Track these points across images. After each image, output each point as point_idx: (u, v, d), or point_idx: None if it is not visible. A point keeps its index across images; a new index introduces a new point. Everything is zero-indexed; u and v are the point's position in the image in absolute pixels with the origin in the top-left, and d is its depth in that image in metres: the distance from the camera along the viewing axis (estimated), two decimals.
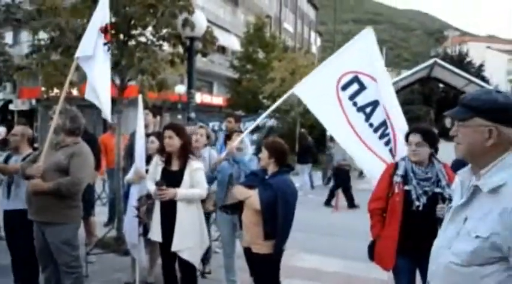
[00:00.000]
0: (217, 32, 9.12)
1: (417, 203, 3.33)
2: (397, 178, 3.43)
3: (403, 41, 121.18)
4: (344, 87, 4.11)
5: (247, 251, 3.81)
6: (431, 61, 22.28)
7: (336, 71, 4.17)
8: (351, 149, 4.14)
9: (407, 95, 49.29)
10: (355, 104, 4.10)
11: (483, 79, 35.25)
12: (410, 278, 3.48)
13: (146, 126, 5.29)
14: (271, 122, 13.40)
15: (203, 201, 4.19)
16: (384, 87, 4.07)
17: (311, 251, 6.65)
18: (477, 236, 1.65)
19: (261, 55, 25.10)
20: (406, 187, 3.38)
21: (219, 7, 30.07)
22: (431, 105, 43.28)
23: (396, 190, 3.42)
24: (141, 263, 4.79)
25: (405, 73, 25.95)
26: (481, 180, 1.72)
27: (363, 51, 4.18)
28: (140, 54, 6.25)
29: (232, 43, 29.59)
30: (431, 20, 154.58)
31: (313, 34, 55.38)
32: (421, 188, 3.35)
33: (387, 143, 4.05)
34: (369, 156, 4.07)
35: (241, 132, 4.91)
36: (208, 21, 7.65)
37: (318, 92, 4.17)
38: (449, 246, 1.76)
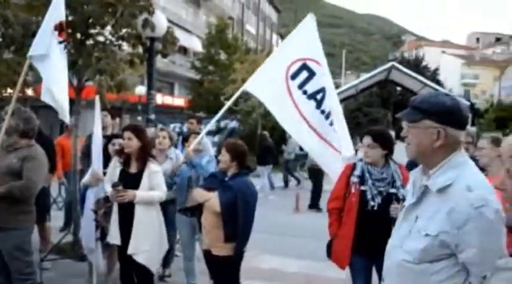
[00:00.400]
0: (178, 33, 9.04)
1: (372, 203, 3.41)
2: (354, 179, 3.52)
3: (362, 45, 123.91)
4: (293, 76, 4.07)
5: (207, 254, 3.79)
6: (389, 65, 22.93)
7: (283, 61, 4.13)
8: (304, 142, 4.13)
9: (366, 98, 50.41)
10: (305, 92, 4.08)
11: (438, 82, 36.56)
12: (366, 276, 3.57)
13: (104, 128, 5.18)
14: (233, 124, 13.45)
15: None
16: (327, 72, 4.11)
17: (272, 252, 6.68)
18: (427, 235, 1.72)
19: (222, 56, 25.08)
20: (362, 188, 3.47)
21: (180, 8, 29.82)
22: (389, 107, 44.46)
23: (353, 190, 3.50)
24: (99, 269, 4.67)
25: (364, 76, 26.57)
26: (430, 180, 1.79)
27: (307, 38, 4.18)
28: (98, 54, 6.10)
29: (194, 44, 29.40)
30: (389, 24, 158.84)
31: (275, 36, 55.80)
32: (376, 188, 3.43)
33: (337, 129, 4.05)
34: (321, 146, 4.06)
35: (198, 133, 4.86)
36: (170, 21, 7.59)
37: (269, 85, 4.12)
38: (402, 244, 1.82)
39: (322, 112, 4.08)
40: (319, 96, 4.05)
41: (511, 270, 1.18)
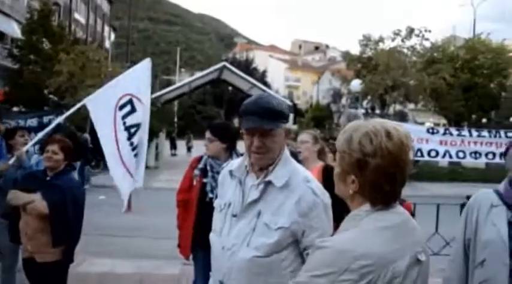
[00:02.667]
0: None
1: (210, 195, 3.51)
2: (196, 172, 3.64)
3: (197, 44, 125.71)
4: (121, 107, 4.57)
5: (28, 262, 3.43)
6: (221, 64, 23.70)
7: (119, 90, 4.63)
8: (110, 162, 4.54)
9: (200, 96, 51.59)
10: (124, 123, 4.57)
11: (265, 84, 39.17)
12: (207, 268, 3.67)
13: None
14: (58, 119, 12.39)
15: None
16: (147, 111, 4.70)
17: (102, 254, 6.38)
18: (279, 228, 1.82)
19: (46, 45, 22.85)
20: (204, 180, 3.59)
21: None
22: (222, 105, 46.08)
23: (194, 183, 3.61)
24: None
25: (198, 74, 27.04)
26: (271, 175, 1.89)
27: (140, 77, 4.75)
28: None
29: (12, 29, 26.23)
30: (223, 26, 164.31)
31: (107, 28, 53.08)
32: (215, 181, 3.54)
33: (138, 161, 4.66)
34: (121, 170, 4.54)
35: (24, 129, 4.39)
36: None
37: (102, 107, 4.55)
38: (247, 242, 1.85)
39: (131, 144, 4.58)
40: (133, 130, 4.59)
41: (323, 248, 1.32)
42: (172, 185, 4.93)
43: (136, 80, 4.71)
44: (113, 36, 57.18)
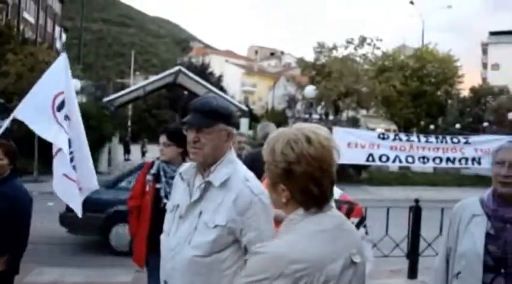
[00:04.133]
0: None
1: (165, 200, 3.44)
2: (149, 177, 3.57)
3: (152, 47, 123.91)
4: (59, 108, 4.19)
5: None
6: (176, 68, 23.47)
7: (48, 92, 4.23)
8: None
9: (155, 99, 50.83)
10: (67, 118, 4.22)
11: (221, 89, 39.14)
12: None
13: None
14: (7, 123, 11.88)
15: None
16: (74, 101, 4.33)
17: (51, 263, 6.18)
18: (216, 226, 1.85)
19: None
20: (157, 186, 3.52)
21: None
22: (177, 110, 45.58)
23: (147, 189, 3.55)
24: None
25: (153, 78, 26.65)
26: (211, 176, 1.94)
27: (62, 73, 4.40)
28: None
29: None
30: (179, 30, 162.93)
31: (58, 28, 51.41)
32: (169, 186, 3.49)
33: (72, 160, 4.12)
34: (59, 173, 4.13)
35: None
36: None
37: (38, 115, 4.09)
38: (189, 241, 1.89)
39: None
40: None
41: (259, 254, 1.35)
42: None
43: (60, 76, 4.42)
44: (64, 37, 55.46)
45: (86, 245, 7.50)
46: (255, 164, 3.83)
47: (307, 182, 1.36)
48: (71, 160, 4.01)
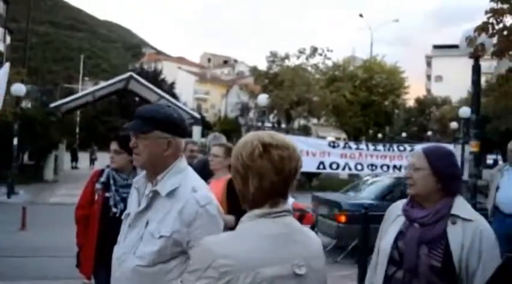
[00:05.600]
0: None
1: (115, 210, 3.36)
2: (98, 185, 3.45)
3: (102, 52, 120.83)
4: None
5: None
6: (127, 74, 23.04)
7: None
8: None
9: (105, 106, 49.57)
10: None
11: (174, 95, 38.71)
12: None
13: None
14: None
15: None
16: None
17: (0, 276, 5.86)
18: (161, 236, 1.82)
19: None
20: (107, 194, 3.42)
21: None
22: (128, 116, 44.67)
23: (96, 197, 3.43)
24: None
25: (103, 83, 26.02)
26: (158, 185, 1.91)
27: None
28: None
29: None
30: (130, 35, 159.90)
31: (1, 30, 49.21)
32: (119, 195, 3.40)
33: None
34: None
35: None
36: None
37: None
38: (134, 251, 1.87)
39: None
40: None
41: (196, 246, 1.42)
42: (72, 200, 4.68)
43: None
44: (8, 39, 53.12)
45: (35, 255, 7.17)
46: (204, 171, 3.84)
47: (261, 186, 1.42)
48: None
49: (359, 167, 11.39)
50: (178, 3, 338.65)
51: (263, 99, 20.43)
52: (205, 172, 3.86)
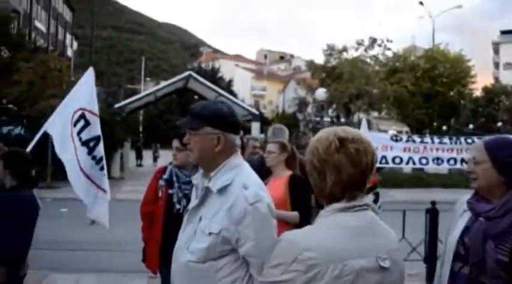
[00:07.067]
0: None
1: (178, 206, 3.43)
2: (161, 182, 3.53)
3: (162, 53, 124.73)
4: (75, 124, 4.55)
5: None
6: (186, 73, 23.54)
7: (70, 107, 4.61)
8: (73, 179, 4.47)
9: (166, 105, 51.10)
10: (80, 139, 4.53)
11: (232, 93, 39.18)
12: None
13: None
14: (19, 130, 12.00)
15: None
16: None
17: (63, 269, 6.14)
18: (210, 233, 1.80)
19: (5, 53, 22.11)
20: (170, 191, 3.47)
21: None
22: None
23: (160, 194, 3.50)
24: None
25: (163, 83, 26.76)
26: (211, 181, 1.89)
27: (86, 89, 4.74)
28: None
29: None
30: (188, 35, 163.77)
31: (69, 36, 52.00)
32: (182, 191, 3.46)
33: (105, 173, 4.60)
34: (86, 185, 4.48)
35: None
36: None
37: (60, 129, 4.54)
38: (187, 246, 1.87)
39: (94, 157, 4.54)
40: (92, 143, 4.55)
41: (279, 241, 1.42)
42: (137, 196, 4.81)
43: (83, 93, 4.70)
44: (75, 44, 56.04)
45: (101, 249, 7.49)
46: (263, 168, 3.79)
47: (340, 180, 1.44)
48: (101, 168, 4.49)
49: (424, 161, 10.91)
50: (233, 2, 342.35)
51: (321, 93, 20.17)
52: (264, 169, 3.81)
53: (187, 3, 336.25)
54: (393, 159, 10.73)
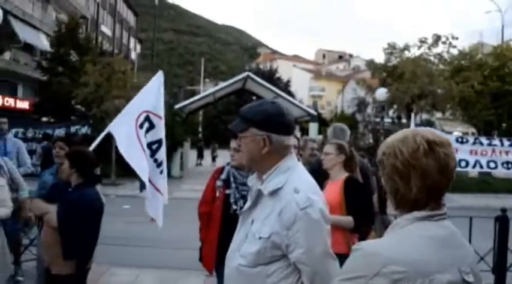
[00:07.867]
0: (22, 28, 8.09)
1: (235, 207, 3.44)
2: (219, 183, 3.56)
3: (220, 54, 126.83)
4: (141, 126, 4.59)
5: (47, 272, 3.39)
6: (244, 74, 23.71)
7: (135, 109, 4.66)
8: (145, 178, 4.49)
9: (225, 105, 51.84)
10: (145, 141, 4.58)
11: (290, 93, 39.03)
12: None
13: None
14: (85, 129, 12.57)
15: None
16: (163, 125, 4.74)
17: (124, 264, 6.35)
18: (260, 237, 1.75)
19: (74, 57, 23.34)
20: (227, 191, 3.49)
21: (26, 1, 27.09)
22: None
23: (217, 194, 3.53)
24: None
25: (222, 84, 27.13)
26: (263, 184, 1.84)
27: (155, 92, 4.77)
28: None
29: (41, 42, 26.93)
30: (246, 36, 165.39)
31: (132, 40, 54.10)
32: (239, 192, 3.46)
33: (164, 177, 4.66)
34: (150, 190, 4.58)
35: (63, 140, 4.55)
36: (13, 15, 6.76)
37: (124, 131, 4.59)
38: (239, 249, 1.83)
39: (155, 160, 4.60)
40: (154, 146, 4.62)
41: (354, 251, 1.29)
42: (195, 195, 4.88)
43: (150, 95, 4.75)
44: (138, 47, 58.19)
45: (160, 246, 7.67)
46: (320, 170, 3.69)
47: (424, 185, 1.32)
48: (161, 171, 4.57)
49: (492, 165, 10.34)
50: (291, 2, 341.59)
51: (382, 93, 19.61)
52: (321, 172, 3.71)
53: (246, 5, 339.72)
54: (459, 162, 10.23)
